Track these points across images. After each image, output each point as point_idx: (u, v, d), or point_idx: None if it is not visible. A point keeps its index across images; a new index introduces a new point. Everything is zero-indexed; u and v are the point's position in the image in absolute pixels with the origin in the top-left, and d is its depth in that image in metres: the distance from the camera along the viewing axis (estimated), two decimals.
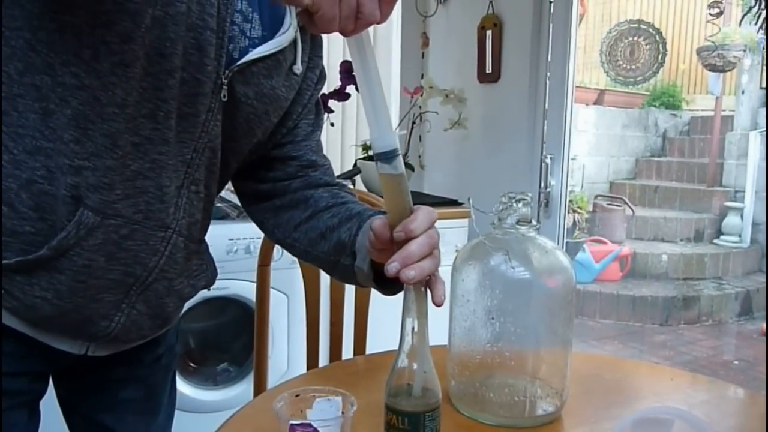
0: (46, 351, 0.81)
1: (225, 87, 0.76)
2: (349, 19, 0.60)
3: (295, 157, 0.91)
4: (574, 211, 5.05)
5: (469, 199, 0.79)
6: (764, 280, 4.87)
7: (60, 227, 0.73)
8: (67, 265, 0.75)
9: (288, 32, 0.80)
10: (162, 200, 0.78)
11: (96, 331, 0.81)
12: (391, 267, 0.66)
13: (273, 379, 1.29)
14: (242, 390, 1.87)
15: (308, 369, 1.30)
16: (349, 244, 0.82)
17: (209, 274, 0.95)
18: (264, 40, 0.79)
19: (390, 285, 0.80)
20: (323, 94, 2.14)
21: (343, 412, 0.73)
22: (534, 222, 0.83)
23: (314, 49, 0.89)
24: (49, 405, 0.94)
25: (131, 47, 0.68)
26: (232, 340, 1.99)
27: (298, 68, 0.84)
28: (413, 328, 0.66)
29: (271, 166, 0.91)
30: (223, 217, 1.83)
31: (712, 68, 5.37)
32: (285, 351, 1.93)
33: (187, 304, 1.78)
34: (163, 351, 0.99)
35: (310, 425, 0.68)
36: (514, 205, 0.81)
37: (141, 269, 0.80)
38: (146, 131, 0.73)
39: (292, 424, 0.69)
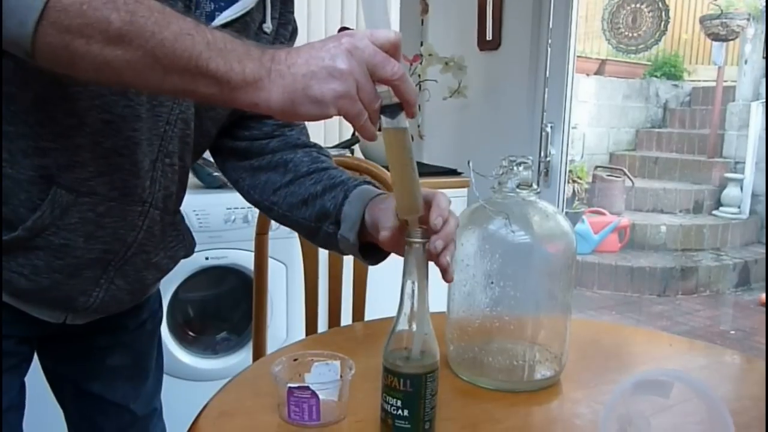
0: (27, 318, 0.81)
1: None
2: (372, 100, 0.60)
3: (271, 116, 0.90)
4: (574, 182, 5.04)
5: (468, 162, 0.78)
6: (762, 251, 4.88)
7: (33, 207, 0.72)
8: (43, 244, 0.74)
9: None
10: (137, 175, 0.77)
11: (75, 305, 0.81)
12: (438, 244, 0.68)
13: (272, 348, 1.29)
14: (242, 358, 1.88)
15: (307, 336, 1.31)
16: (333, 213, 0.82)
17: (187, 245, 0.95)
18: (230, 2, 0.77)
19: (372, 255, 0.82)
20: None
21: (341, 376, 0.73)
22: (535, 186, 0.81)
23: (285, 5, 0.87)
24: (39, 386, 0.94)
25: None
26: (232, 309, 1.99)
27: (269, 26, 0.83)
28: (413, 291, 0.66)
29: (246, 126, 0.90)
30: (221, 186, 1.82)
31: (715, 37, 5.31)
32: (284, 320, 1.93)
33: (186, 274, 1.79)
34: (146, 316, 0.99)
35: (308, 389, 0.68)
36: (515, 168, 0.80)
37: (120, 245, 0.80)
38: (118, 109, 0.72)
39: (290, 388, 0.69)
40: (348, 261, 1.35)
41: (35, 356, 0.92)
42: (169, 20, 0.56)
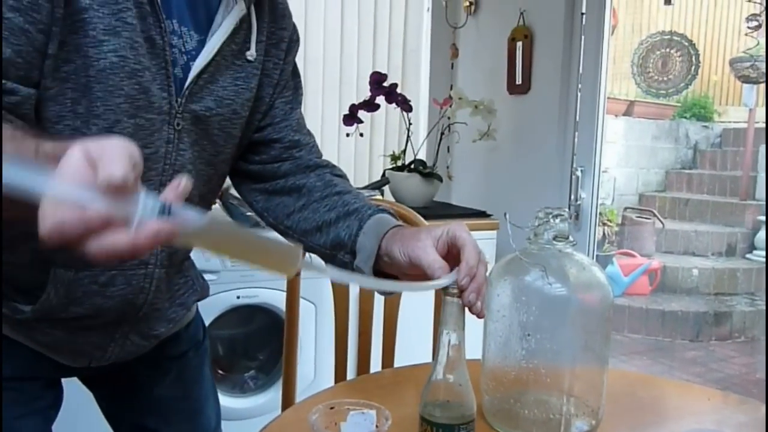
0: (53, 361, 0.82)
1: (179, 116, 0.75)
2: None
3: (277, 139, 0.90)
4: (604, 224, 4.99)
5: (505, 215, 0.79)
6: None
7: (38, 286, 0.73)
8: (53, 318, 0.76)
9: (218, 33, 0.77)
10: None
11: (92, 358, 0.83)
12: (472, 298, 0.68)
13: (299, 388, 1.29)
14: (270, 398, 1.88)
15: (336, 379, 1.30)
16: (348, 243, 0.81)
17: (198, 288, 0.94)
18: (200, 45, 0.76)
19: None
20: (353, 105, 2.14)
21: (377, 426, 0.73)
22: (571, 238, 0.81)
23: (275, 22, 0.86)
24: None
25: None
26: (261, 348, 2.00)
27: (252, 54, 0.82)
28: (449, 341, 0.66)
29: (255, 150, 0.90)
30: (254, 225, 1.84)
31: (746, 79, 5.27)
32: (312, 360, 1.93)
33: (218, 312, 1.81)
34: (187, 348, 0.98)
35: None
36: (552, 220, 0.80)
37: (130, 308, 0.80)
38: None
39: None
40: (379, 303, 1.35)
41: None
42: None
